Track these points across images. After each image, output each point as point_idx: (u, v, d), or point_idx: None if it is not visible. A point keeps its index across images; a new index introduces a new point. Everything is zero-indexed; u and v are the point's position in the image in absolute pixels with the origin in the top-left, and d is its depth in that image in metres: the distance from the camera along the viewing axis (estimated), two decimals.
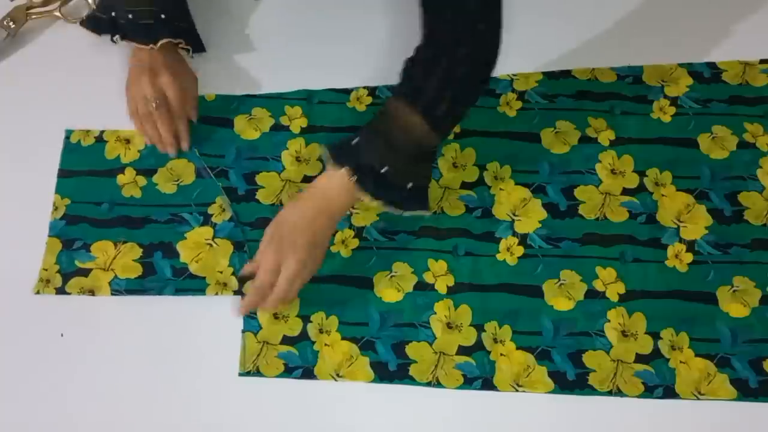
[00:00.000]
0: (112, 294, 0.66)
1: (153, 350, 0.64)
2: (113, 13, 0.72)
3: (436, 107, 0.60)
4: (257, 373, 0.63)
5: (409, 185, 0.62)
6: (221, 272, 0.67)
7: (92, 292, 0.66)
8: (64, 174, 0.72)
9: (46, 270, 0.68)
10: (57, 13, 0.80)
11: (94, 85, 0.77)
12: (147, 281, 0.67)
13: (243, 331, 0.65)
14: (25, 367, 0.64)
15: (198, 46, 0.75)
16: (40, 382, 0.64)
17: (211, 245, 0.68)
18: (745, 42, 0.78)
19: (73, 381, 0.64)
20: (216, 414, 0.62)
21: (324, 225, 0.62)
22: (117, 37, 0.72)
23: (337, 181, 0.61)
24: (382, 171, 0.60)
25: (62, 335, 0.65)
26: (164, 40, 0.70)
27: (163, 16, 0.70)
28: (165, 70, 0.70)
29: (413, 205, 0.64)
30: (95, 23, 0.74)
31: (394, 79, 0.75)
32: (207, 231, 0.69)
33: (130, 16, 0.70)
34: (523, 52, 0.77)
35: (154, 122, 0.71)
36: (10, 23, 0.79)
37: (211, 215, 0.70)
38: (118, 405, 0.63)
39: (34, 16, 0.80)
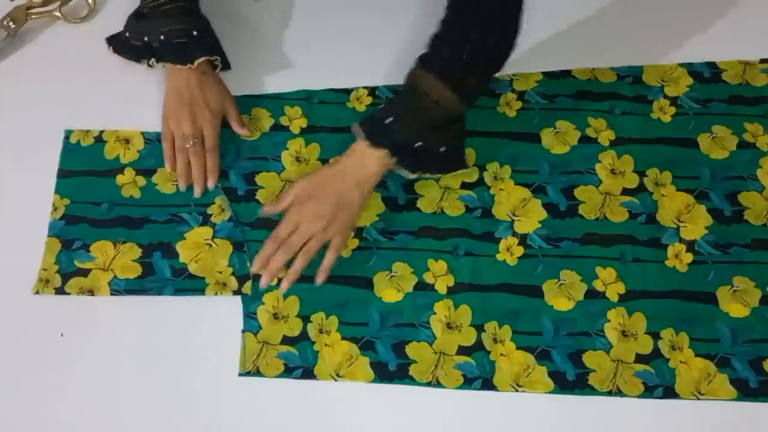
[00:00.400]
0: (111, 294, 0.66)
1: (153, 350, 0.64)
2: (146, 38, 0.70)
3: (466, 81, 0.62)
4: (257, 373, 0.63)
5: (443, 149, 0.65)
6: (221, 272, 0.67)
7: (91, 292, 0.66)
8: (63, 174, 0.72)
9: (46, 270, 0.67)
10: (57, 13, 0.80)
11: (93, 85, 0.77)
12: (146, 281, 0.67)
13: (243, 331, 0.65)
14: (24, 368, 0.64)
15: (226, 63, 0.73)
16: (40, 382, 0.64)
17: (210, 245, 0.68)
18: (745, 42, 0.78)
19: (72, 381, 0.64)
20: (216, 414, 0.62)
21: (349, 189, 0.64)
22: (153, 60, 0.70)
23: (372, 157, 0.64)
24: (417, 145, 0.63)
25: (62, 335, 0.65)
26: (201, 59, 0.69)
27: (195, 33, 0.69)
28: (204, 105, 0.69)
29: (449, 165, 0.68)
30: (131, 51, 0.73)
31: (394, 78, 0.76)
32: (206, 231, 0.69)
33: (162, 37, 0.69)
34: (523, 52, 0.78)
35: (187, 156, 0.70)
36: (10, 23, 0.78)
37: (211, 215, 0.70)
38: (118, 405, 0.63)
39: (34, 16, 0.80)
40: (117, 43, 0.75)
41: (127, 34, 0.73)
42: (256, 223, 0.69)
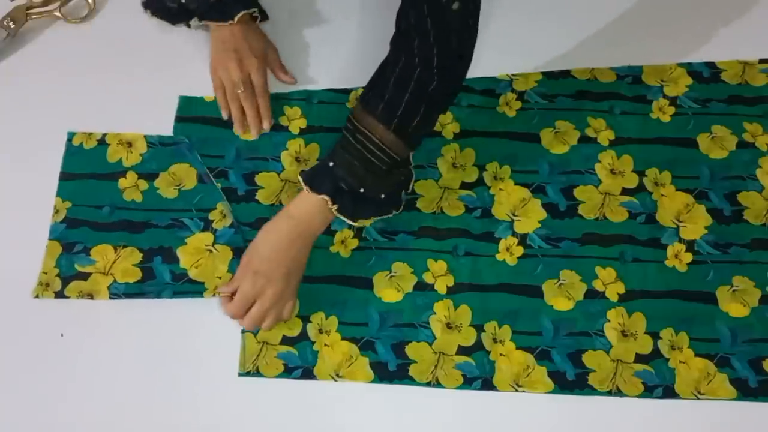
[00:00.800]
0: (110, 298, 0.66)
1: (153, 351, 0.64)
2: (185, 1, 0.72)
3: (410, 124, 0.60)
4: (257, 373, 0.63)
5: (382, 196, 0.63)
6: (220, 278, 0.66)
7: (91, 296, 0.66)
8: (65, 177, 0.72)
9: (46, 273, 0.67)
10: (57, 13, 0.80)
11: (94, 86, 0.77)
12: (146, 286, 0.66)
13: (243, 332, 0.65)
14: (24, 370, 0.64)
15: (264, 14, 0.76)
16: (40, 384, 0.64)
17: (210, 251, 0.68)
18: (745, 42, 0.78)
19: (72, 383, 0.64)
20: (216, 414, 0.62)
21: (300, 250, 0.63)
22: (194, 20, 0.73)
23: (313, 206, 0.61)
24: (360, 191, 0.61)
25: (62, 335, 0.65)
26: (241, 13, 0.71)
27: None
28: (249, 51, 0.72)
29: (386, 210, 0.66)
30: (167, 13, 0.75)
31: None
32: (207, 237, 0.69)
33: None
34: (522, 53, 0.78)
35: (239, 102, 0.72)
36: (10, 23, 0.79)
37: (212, 221, 0.69)
38: (118, 406, 0.63)
39: (34, 16, 0.80)
40: (152, 5, 0.76)
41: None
42: (256, 223, 0.69)
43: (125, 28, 0.80)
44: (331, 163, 0.61)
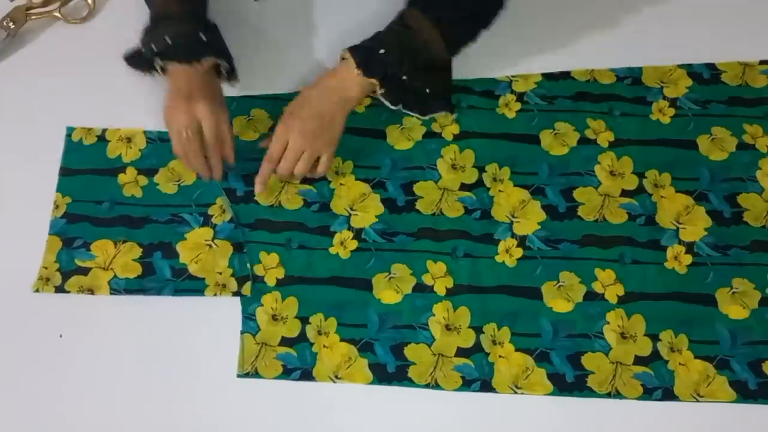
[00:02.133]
0: (111, 293, 0.66)
1: (151, 351, 0.64)
2: (153, 46, 0.68)
3: (455, 30, 0.68)
4: (256, 374, 0.63)
5: (428, 90, 0.70)
6: (220, 273, 0.67)
7: (91, 291, 0.66)
8: (65, 172, 0.72)
9: (46, 268, 0.68)
10: (57, 14, 0.80)
11: (94, 86, 0.77)
12: (146, 281, 0.67)
13: (242, 333, 0.65)
14: (23, 366, 0.64)
15: (233, 74, 0.72)
16: (38, 381, 0.64)
17: (210, 246, 0.68)
18: (745, 42, 0.78)
19: (70, 381, 0.64)
20: (214, 415, 0.62)
21: (333, 106, 0.68)
22: (158, 61, 0.67)
23: (357, 82, 0.67)
24: (404, 79, 0.68)
25: (61, 336, 0.65)
26: (208, 58, 0.67)
27: (204, 37, 0.68)
28: (201, 99, 0.66)
29: (431, 108, 0.73)
30: (141, 63, 0.72)
31: None
32: (207, 232, 0.69)
33: (168, 41, 0.67)
34: (522, 54, 0.78)
35: (195, 150, 0.67)
36: (10, 23, 0.79)
37: (212, 216, 0.70)
38: (116, 406, 0.63)
39: (33, 17, 0.80)
40: (131, 59, 0.74)
41: (139, 47, 0.73)
42: (255, 224, 0.69)
43: (125, 28, 0.80)
44: (381, 51, 0.66)
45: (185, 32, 0.68)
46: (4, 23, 0.78)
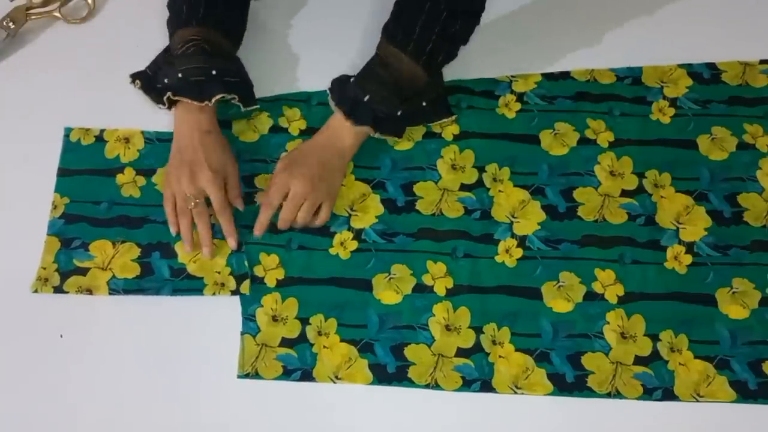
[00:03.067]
0: (109, 293, 0.66)
1: (151, 352, 0.64)
2: (166, 80, 0.69)
3: (435, 56, 0.67)
4: (256, 375, 0.63)
5: (424, 104, 0.71)
6: (219, 272, 0.67)
7: (90, 292, 0.66)
8: (63, 173, 0.72)
9: (45, 269, 0.67)
10: (57, 14, 0.80)
11: (93, 86, 0.77)
12: (145, 281, 0.67)
13: (242, 334, 0.65)
14: (22, 366, 0.64)
15: (249, 101, 0.72)
16: (38, 381, 0.64)
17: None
18: (745, 42, 0.78)
19: (70, 381, 0.64)
20: (215, 416, 0.62)
21: (333, 157, 0.68)
22: (169, 94, 0.68)
23: (351, 131, 0.68)
24: (398, 114, 0.68)
25: (61, 336, 0.65)
26: (218, 96, 0.67)
27: (214, 72, 0.68)
28: (204, 163, 0.66)
29: (433, 117, 0.73)
30: (153, 92, 0.73)
31: None
32: None
33: (180, 75, 0.68)
34: (522, 54, 0.78)
35: (190, 218, 0.67)
36: (10, 23, 0.79)
37: (210, 215, 0.69)
38: (116, 407, 0.63)
39: (33, 17, 0.80)
40: (143, 81, 0.75)
41: (150, 73, 0.74)
42: (253, 226, 0.69)
43: (125, 28, 0.80)
44: (366, 98, 0.67)
45: (197, 69, 0.68)
46: (4, 23, 0.78)
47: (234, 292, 0.66)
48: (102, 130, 0.74)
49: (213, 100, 0.68)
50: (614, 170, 0.71)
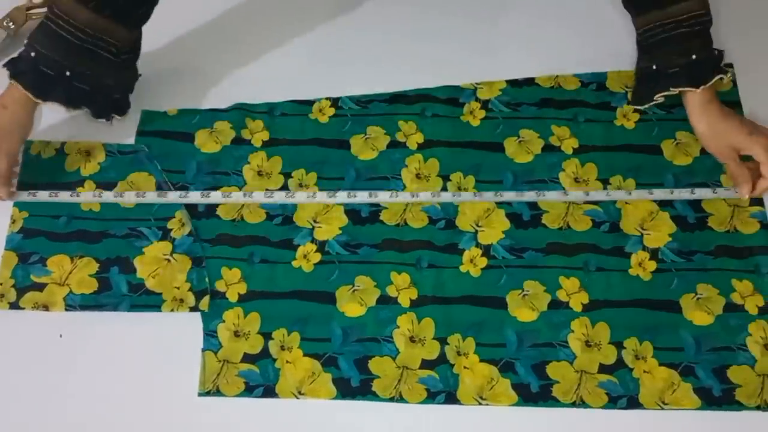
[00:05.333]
0: (66, 310, 0.65)
1: (109, 370, 0.63)
2: (29, 50, 0.65)
3: None
4: (217, 392, 0.62)
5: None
6: (178, 288, 0.66)
7: (46, 308, 0.65)
8: (22, 187, 0.71)
9: (1, 284, 0.66)
10: None
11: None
12: (102, 297, 0.65)
13: (203, 350, 0.64)
14: None
15: (101, 112, 0.70)
16: None
17: (169, 260, 0.67)
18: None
19: (21, 400, 0.62)
20: None
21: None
22: (9, 72, 0.65)
23: (703, 92, 0.67)
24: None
25: (60, 336, 0.64)
26: (54, 103, 0.65)
27: (68, 73, 0.64)
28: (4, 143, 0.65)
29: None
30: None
31: (356, 89, 0.76)
32: (165, 246, 0.68)
33: (33, 54, 0.64)
34: (486, 60, 0.77)
35: None
36: (10, 24, 0.78)
37: (171, 230, 0.69)
38: (72, 427, 0.61)
39: (33, 17, 0.79)
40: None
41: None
42: (217, 239, 0.68)
43: None
44: (693, 57, 0.66)
45: (50, 60, 0.64)
46: (4, 23, 0.78)
47: (193, 309, 0.65)
48: (63, 143, 0.73)
49: (46, 103, 0.66)
50: (579, 177, 0.71)
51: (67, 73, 0.65)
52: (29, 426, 0.61)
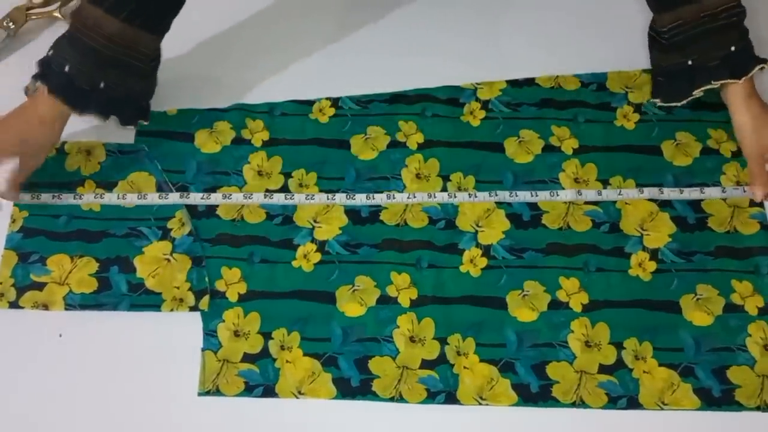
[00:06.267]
0: (66, 309, 0.65)
1: (109, 370, 0.63)
2: (51, 60, 0.65)
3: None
4: (217, 392, 0.62)
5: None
6: (178, 287, 0.66)
7: (46, 307, 0.65)
8: (23, 187, 0.70)
9: (1, 283, 0.66)
10: (57, 14, 0.80)
11: None
12: (102, 296, 0.65)
13: (203, 350, 0.64)
14: None
15: (130, 120, 0.70)
16: None
17: (168, 260, 0.67)
18: None
19: (22, 399, 0.62)
20: None
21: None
22: (36, 81, 0.66)
23: (734, 89, 0.67)
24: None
25: (60, 335, 0.64)
26: (90, 116, 0.66)
27: (102, 85, 0.65)
28: (15, 147, 0.64)
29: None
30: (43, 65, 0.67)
31: (356, 89, 0.76)
32: (165, 245, 0.68)
33: (67, 69, 0.64)
34: (487, 60, 0.77)
35: None
36: (10, 23, 0.78)
37: (171, 229, 0.68)
38: (71, 426, 0.61)
39: (33, 17, 0.79)
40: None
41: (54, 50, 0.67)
42: (217, 239, 0.68)
43: None
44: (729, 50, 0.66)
45: (86, 75, 0.64)
46: (4, 23, 0.78)
47: (193, 308, 0.65)
48: (63, 143, 0.73)
49: (82, 115, 0.66)
50: (579, 177, 0.71)
51: (102, 85, 0.65)
52: (29, 426, 0.61)
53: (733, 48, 0.66)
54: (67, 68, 0.64)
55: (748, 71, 0.66)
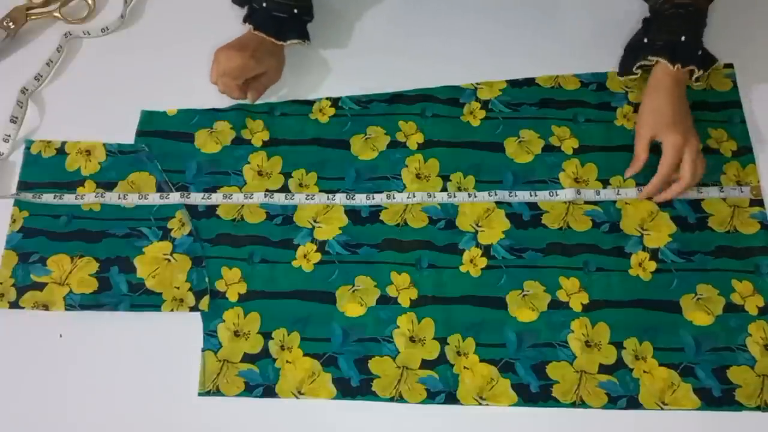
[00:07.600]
0: (66, 309, 0.65)
1: (109, 370, 0.63)
2: (253, 4, 0.72)
3: None
4: (217, 392, 0.62)
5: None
6: (178, 288, 0.66)
7: (46, 307, 0.65)
8: (23, 186, 0.71)
9: (1, 283, 0.66)
10: (57, 14, 0.80)
11: (56, 94, 0.76)
12: (102, 296, 0.65)
13: (203, 350, 0.64)
14: None
15: (306, 36, 0.75)
16: None
17: (169, 260, 0.67)
18: (710, 46, 0.77)
19: (22, 399, 0.62)
20: None
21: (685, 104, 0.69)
22: (249, 26, 0.71)
23: (675, 75, 0.67)
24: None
25: (60, 336, 0.64)
26: (293, 41, 0.72)
27: (296, 11, 0.72)
28: (253, 78, 0.72)
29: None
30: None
31: (356, 89, 0.76)
32: (166, 246, 0.68)
33: (264, 4, 0.71)
34: (487, 60, 0.77)
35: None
36: (10, 23, 0.78)
37: (171, 230, 0.69)
38: (72, 426, 0.61)
39: (33, 17, 0.80)
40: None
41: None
42: (217, 239, 0.68)
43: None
44: (682, 38, 0.68)
45: (281, 5, 0.71)
46: (4, 23, 0.78)
47: (193, 309, 0.65)
48: (63, 143, 0.73)
49: (287, 43, 0.72)
50: (579, 177, 0.71)
51: (295, 11, 0.72)
52: (29, 425, 0.61)
53: (683, 38, 0.68)
54: (264, 4, 0.71)
55: (686, 64, 0.68)
